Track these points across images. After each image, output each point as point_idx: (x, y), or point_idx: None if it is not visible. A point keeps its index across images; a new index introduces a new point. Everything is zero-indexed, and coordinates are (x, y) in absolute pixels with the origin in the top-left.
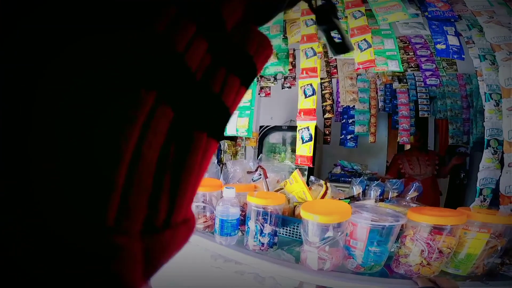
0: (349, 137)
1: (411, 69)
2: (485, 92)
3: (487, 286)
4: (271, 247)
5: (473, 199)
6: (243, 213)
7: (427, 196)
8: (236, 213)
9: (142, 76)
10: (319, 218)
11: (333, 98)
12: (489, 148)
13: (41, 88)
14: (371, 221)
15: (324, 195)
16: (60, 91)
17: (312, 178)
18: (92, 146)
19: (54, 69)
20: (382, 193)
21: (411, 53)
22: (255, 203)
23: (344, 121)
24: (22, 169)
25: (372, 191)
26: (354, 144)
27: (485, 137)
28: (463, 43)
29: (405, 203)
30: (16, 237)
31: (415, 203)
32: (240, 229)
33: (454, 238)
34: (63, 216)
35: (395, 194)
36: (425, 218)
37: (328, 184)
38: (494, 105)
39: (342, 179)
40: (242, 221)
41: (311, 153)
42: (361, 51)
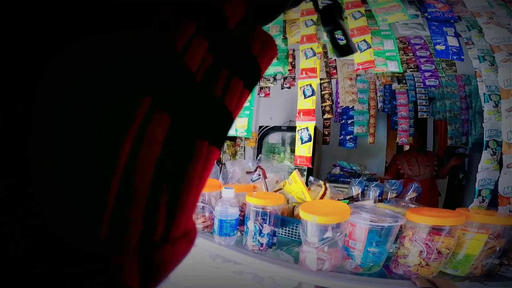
0: (348, 137)
1: (411, 70)
2: (484, 93)
3: (485, 286)
4: (270, 247)
5: (472, 200)
6: (242, 213)
7: (426, 196)
8: (235, 213)
9: (136, 79)
10: (318, 218)
11: (332, 98)
12: (488, 149)
13: (41, 88)
14: (370, 221)
15: (323, 195)
16: (60, 91)
17: (311, 178)
18: (92, 146)
19: (54, 69)
20: (381, 194)
21: (410, 54)
22: (254, 203)
23: (343, 121)
24: (22, 169)
25: (371, 192)
26: (353, 144)
27: (484, 138)
28: (463, 44)
29: (404, 204)
30: (16, 237)
31: (414, 204)
32: (239, 229)
33: (452, 238)
34: (63, 216)
35: (394, 194)
36: (424, 218)
37: (327, 184)
38: (493, 106)
39: (341, 180)
40: (241, 221)
41: (310, 154)
42: (361, 51)
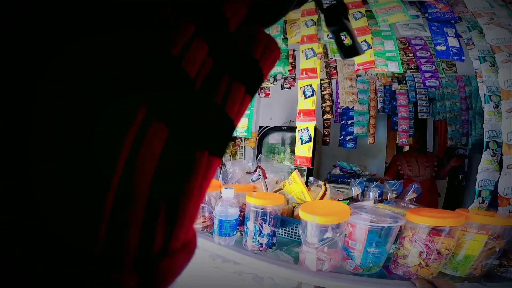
0: (348, 138)
1: (411, 70)
2: (484, 94)
3: (485, 287)
4: (270, 248)
5: (472, 201)
6: (242, 214)
7: (425, 197)
8: (235, 213)
9: (135, 81)
10: (318, 219)
11: (332, 99)
12: (488, 150)
13: (41, 88)
14: (370, 222)
15: (323, 196)
16: (60, 91)
17: (311, 178)
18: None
19: (54, 69)
20: (381, 194)
21: (411, 55)
22: (254, 203)
23: (343, 122)
24: (22, 169)
25: (371, 192)
26: (353, 145)
27: (484, 139)
28: (463, 45)
29: (404, 204)
30: (16, 237)
31: (414, 205)
32: (239, 229)
33: (452, 239)
34: (63, 216)
35: (394, 195)
36: (423, 219)
37: (327, 185)
38: (493, 107)
39: (341, 180)
40: (241, 222)
41: (310, 154)
42: None
